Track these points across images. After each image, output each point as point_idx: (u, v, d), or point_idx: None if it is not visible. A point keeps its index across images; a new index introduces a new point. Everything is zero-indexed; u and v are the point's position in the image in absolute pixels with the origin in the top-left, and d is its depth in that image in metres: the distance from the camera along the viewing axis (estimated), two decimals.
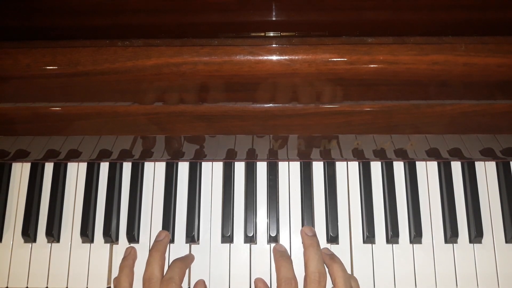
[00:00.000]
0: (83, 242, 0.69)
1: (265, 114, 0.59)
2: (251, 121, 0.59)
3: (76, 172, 0.72)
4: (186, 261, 0.66)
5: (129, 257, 0.67)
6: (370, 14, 0.62)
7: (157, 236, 0.67)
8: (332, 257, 0.64)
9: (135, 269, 0.66)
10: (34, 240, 0.69)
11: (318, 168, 0.71)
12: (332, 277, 0.61)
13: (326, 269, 0.62)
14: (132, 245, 0.69)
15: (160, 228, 0.69)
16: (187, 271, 0.66)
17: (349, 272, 0.66)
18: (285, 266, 0.62)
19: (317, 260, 0.61)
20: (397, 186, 0.70)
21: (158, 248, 0.64)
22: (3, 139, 0.63)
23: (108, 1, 0.61)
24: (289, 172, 0.71)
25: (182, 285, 0.62)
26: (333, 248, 0.68)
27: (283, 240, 0.68)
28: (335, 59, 0.53)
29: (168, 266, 0.64)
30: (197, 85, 0.55)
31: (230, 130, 0.60)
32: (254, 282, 0.66)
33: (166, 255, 0.66)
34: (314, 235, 0.65)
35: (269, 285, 0.66)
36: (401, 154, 0.68)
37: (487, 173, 0.71)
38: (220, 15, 0.61)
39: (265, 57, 0.53)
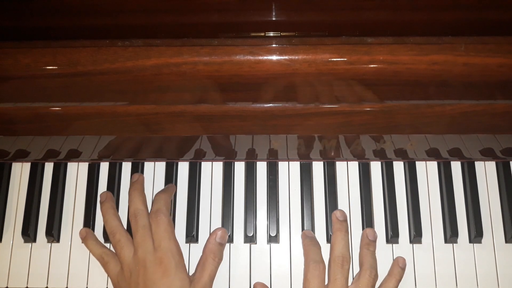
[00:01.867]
0: (83, 242, 0.69)
1: (265, 114, 0.59)
2: (251, 121, 0.59)
3: (76, 172, 0.72)
4: (168, 191, 0.68)
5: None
6: (370, 14, 0.62)
7: (132, 178, 0.70)
8: (369, 244, 0.65)
9: None
10: (34, 240, 0.69)
11: (318, 168, 0.71)
12: (360, 260, 0.64)
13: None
14: None
15: None
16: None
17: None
18: (314, 250, 0.63)
19: (343, 245, 0.63)
20: (397, 186, 0.70)
21: (135, 187, 0.67)
22: (3, 139, 0.63)
23: (108, 1, 0.60)
24: (289, 172, 0.71)
25: None
26: None
27: (283, 240, 0.68)
28: (335, 59, 0.53)
29: (153, 200, 0.67)
30: (197, 85, 0.55)
31: (230, 130, 0.60)
32: (254, 286, 0.65)
33: None
34: (345, 220, 0.65)
35: (269, 286, 0.66)
36: (401, 154, 0.68)
37: (487, 173, 0.71)
38: (220, 15, 0.61)
39: (265, 57, 0.53)
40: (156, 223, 0.62)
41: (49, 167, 0.72)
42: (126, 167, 0.72)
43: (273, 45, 0.53)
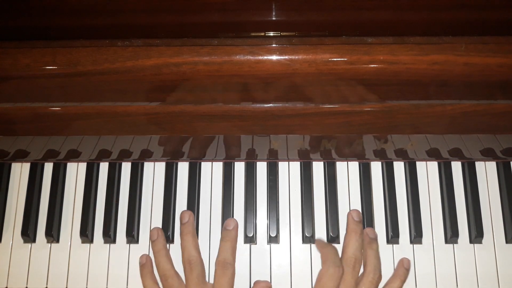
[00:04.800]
0: (82, 242, 0.69)
1: (265, 114, 0.59)
2: (251, 121, 0.59)
3: (76, 172, 0.72)
4: (234, 240, 0.65)
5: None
6: (370, 14, 0.62)
7: (182, 218, 0.66)
8: (371, 243, 0.65)
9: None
10: (34, 240, 0.69)
11: (318, 168, 0.71)
12: (364, 261, 0.64)
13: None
14: (131, 245, 0.68)
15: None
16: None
17: None
18: (335, 252, 0.63)
19: (356, 247, 0.63)
20: (397, 186, 0.70)
21: (188, 230, 0.65)
22: (3, 139, 0.63)
23: (108, 1, 0.60)
24: (289, 172, 0.71)
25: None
26: None
27: (283, 240, 0.68)
28: (335, 59, 0.53)
29: (219, 248, 0.64)
30: (197, 85, 0.55)
31: (230, 130, 0.60)
32: (254, 284, 0.65)
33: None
34: (360, 221, 0.66)
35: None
36: (401, 154, 0.68)
37: (487, 173, 0.71)
38: (220, 15, 0.61)
39: (265, 57, 0.53)
40: (223, 275, 0.62)
41: (48, 167, 0.72)
42: (126, 167, 0.72)
43: (273, 45, 0.53)
